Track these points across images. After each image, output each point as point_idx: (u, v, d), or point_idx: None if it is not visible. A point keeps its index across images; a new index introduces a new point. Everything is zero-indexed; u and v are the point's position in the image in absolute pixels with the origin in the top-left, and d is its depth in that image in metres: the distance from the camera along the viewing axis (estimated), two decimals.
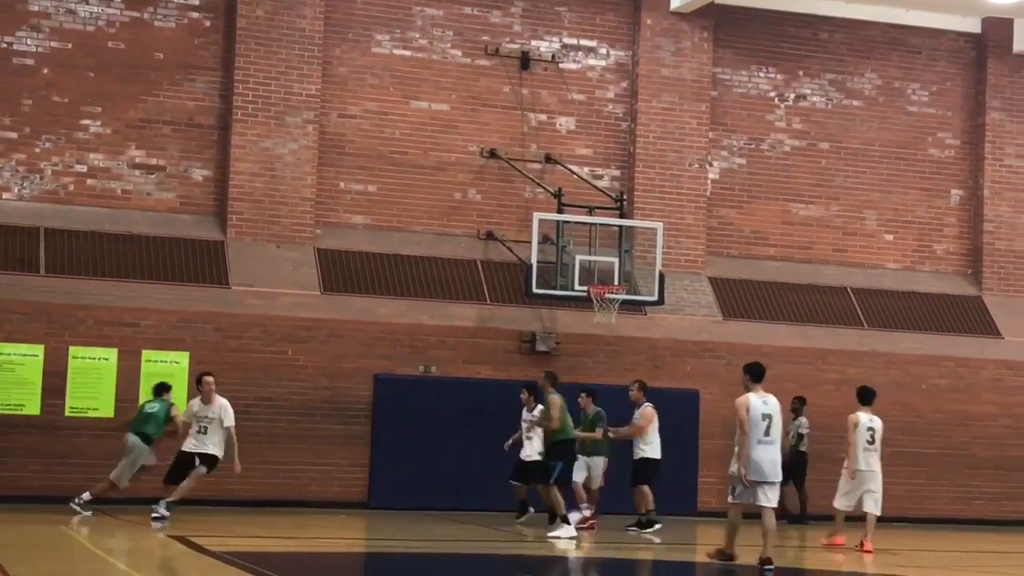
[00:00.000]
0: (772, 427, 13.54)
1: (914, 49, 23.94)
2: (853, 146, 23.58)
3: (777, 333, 22.23)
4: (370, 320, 20.46)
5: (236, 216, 20.62)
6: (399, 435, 20.11)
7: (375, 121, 21.53)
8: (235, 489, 19.51)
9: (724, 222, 22.96)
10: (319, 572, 12.99)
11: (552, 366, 20.23)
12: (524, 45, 22.17)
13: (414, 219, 21.57)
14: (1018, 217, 23.93)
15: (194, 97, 20.89)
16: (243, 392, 19.67)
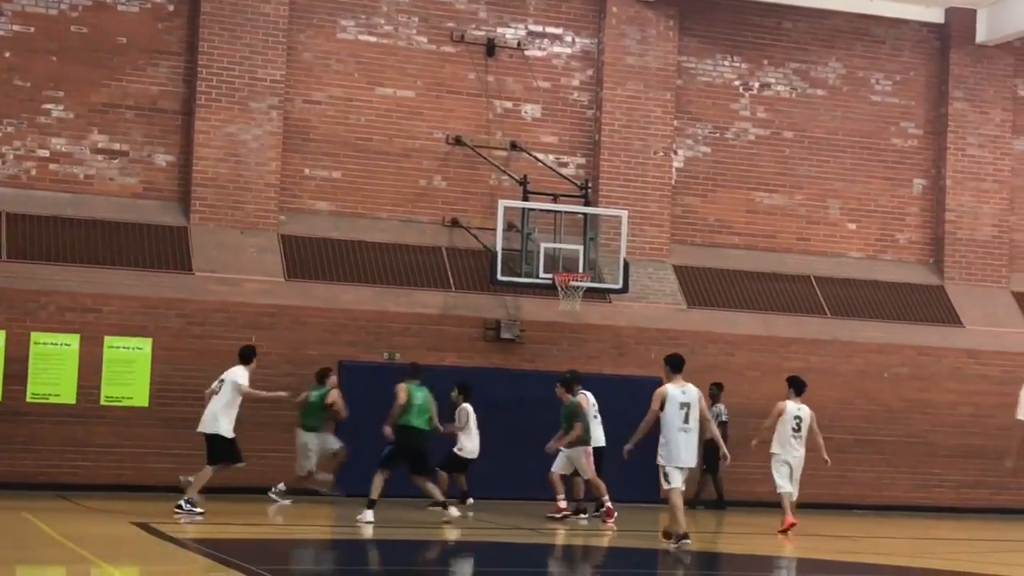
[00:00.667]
0: (690, 415, 14.29)
1: (878, 39, 24.05)
2: (817, 135, 23.68)
3: (740, 321, 22.32)
4: (334, 307, 20.42)
5: (200, 202, 20.53)
6: (363, 422, 20.06)
7: (340, 107, 21.47)
8: None
9: (688, 210, 23.03)
10: (283, 558, 12.97)
11: (516, 354, 20.29)
12: (490, 32, 22.15)
13: (379, 206, 21.53)
14: (980, 207, 24.09)
15: (157, 82, 20.78)
16: (206, 379, 19.54)
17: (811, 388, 19.02)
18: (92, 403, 19.22)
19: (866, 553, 15.32)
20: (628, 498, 19.06)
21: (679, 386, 14.46)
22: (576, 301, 20.27)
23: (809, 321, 22.69)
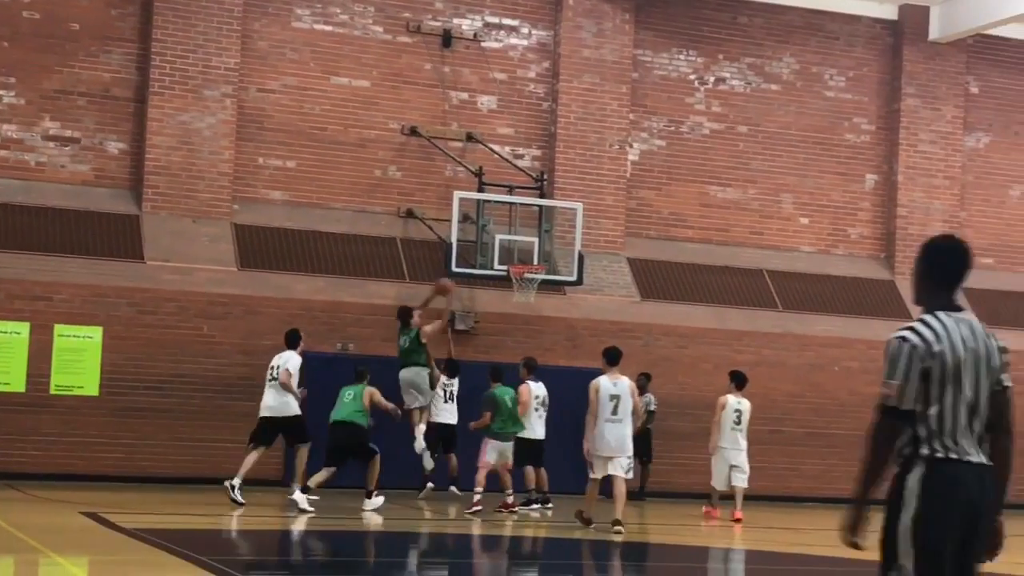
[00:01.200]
0: (619, 407, 15.21)
1: (832, 35, 24.19)
2: (771, 130, 23.80)
3: (694, 314, 22.41)
4: (287, 297, 20.34)
5: (152, 190, 20.39)
6: (316, 413, 19.98)
7: (295, 96, 21.37)
8: (148, 466, 19.36)
9: (643, 203, 23.09)
10: (232, 549, 12.92)
11: (472, 345, 20.28)
12: (446, 23, 22.10)
13: (333, 196, 21.46)
14: (931, 202, 24.29)
15: (110, 69, 20.61)
16: (157, 368, 19.51)
17: (762, 381, 19.20)
18: (42, 392, 19.06)
19: (815, 545, 15.43)
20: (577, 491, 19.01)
21: (612, 378, 15.34)
22: (531, 293, 20.28)
23: (761, 314, 22.81)
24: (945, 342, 5.54)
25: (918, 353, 5.53)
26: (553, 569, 13.39)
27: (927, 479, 5.49)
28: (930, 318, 5.63)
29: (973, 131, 24.80)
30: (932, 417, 5.52)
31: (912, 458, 5.54)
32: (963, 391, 5.54)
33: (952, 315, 5.63)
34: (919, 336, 5.56)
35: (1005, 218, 24.98)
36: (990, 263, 24.78)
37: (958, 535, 5.49)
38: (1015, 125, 25.03)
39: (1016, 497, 23.42)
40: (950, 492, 5.47)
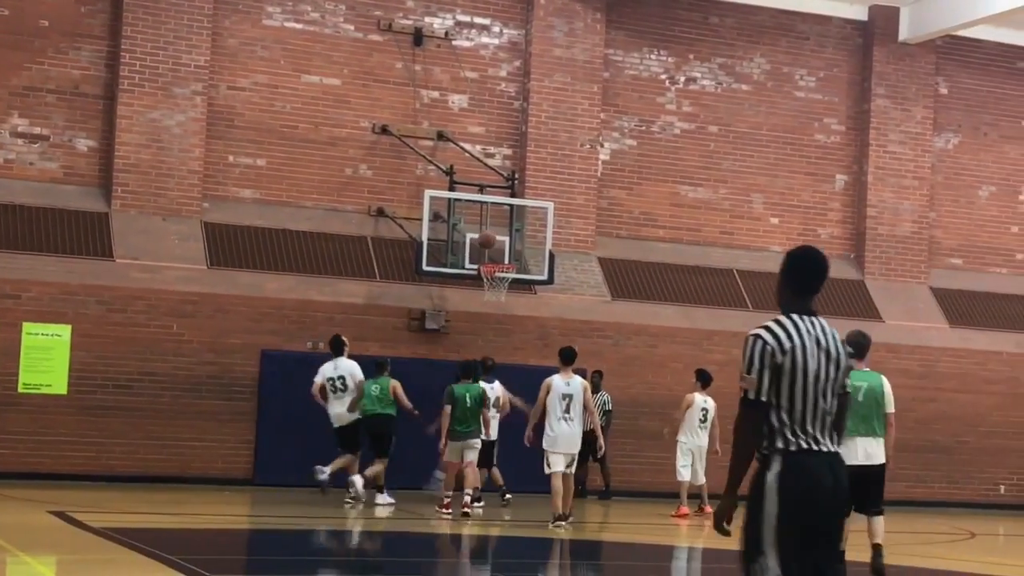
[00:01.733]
0: (572, 406, 15.52)
1: (802, 35, 24.27)
2: (741, 130, 23.86)
3: (664, 313, 22.45)
4: (257, 295, 20.28)
5: (121, 188, 20.30)
6: (285, 411, 19.96)
7: (265, 94, 21.31)
8: (116, 464, 19.29)
9: (614, 203, 23.12)
10: (200, 548, 12.88)
11: (441, 344, 20.27)
12: (417, 21, 22.08)
13: (304, 194, 21.41)
14: (900, 203, 24.40)
15: (79, 66, 20.52)
16: (126, 367, 19.44)
17: (732, 381, 19.16)
18: (10, 390, 18.96)
19: None
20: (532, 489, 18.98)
21: (565, 378, 15.66)
22: (501, 292, 20.28)
23: (731, 314, 22.87)
24: (796, 340, 6.06)
25: (769, 350, 6.01)
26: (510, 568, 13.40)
27: (785, 472, 5.84)
28: (783, 319, 6.17)
29: (942, 132, 24.92)
30: (785, 409, 5.92)
31: (770, 453, 5.90)
32: (814, 385, 5.97)
33: (805, 318, 6.21)
34: (772, 334, 6.09)
35: (974, 219, 25.12)
36: (959, 263, 24.93)
37: (816, 524, 5.84)
38: (984, 126, 25.18)
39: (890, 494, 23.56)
40: (806, 484, 5.83)
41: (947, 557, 14.83)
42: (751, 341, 6.07)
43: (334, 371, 17.95)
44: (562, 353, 15.95)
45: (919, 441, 23.31)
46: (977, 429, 23.79)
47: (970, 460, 23.71)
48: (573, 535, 15.13)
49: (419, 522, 16.63)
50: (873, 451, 11.54)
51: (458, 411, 16.69)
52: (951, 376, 23.70)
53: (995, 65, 25.14)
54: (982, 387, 23.87)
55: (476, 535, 15.63)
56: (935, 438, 23.53)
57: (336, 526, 15.89)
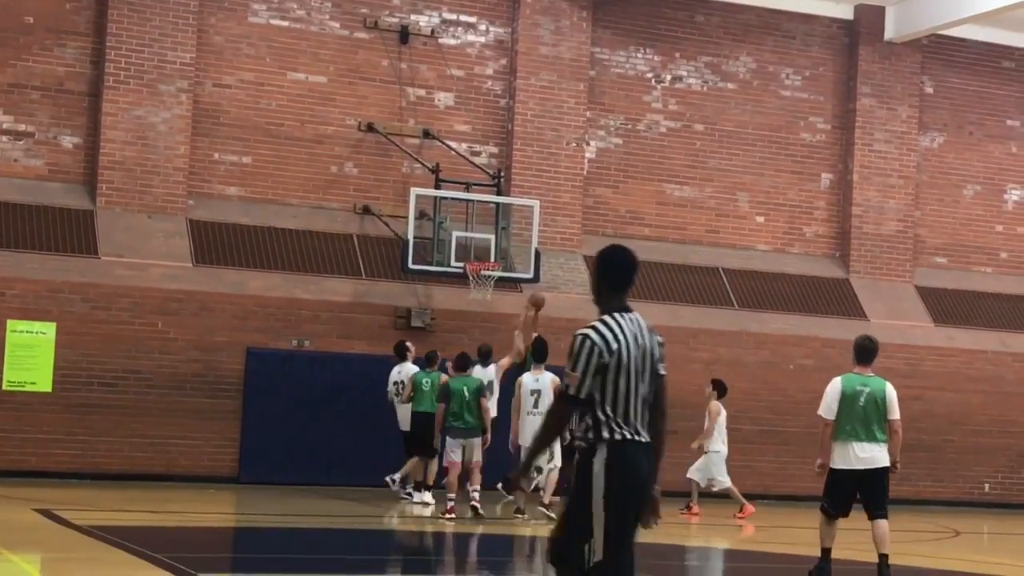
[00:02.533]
0: (540, 401, 16.03)
1: (788, 34, 24.30)
2: (727, 128, 23.88)
3: (649, 312, 22.37)
4: (243, 293, 20.25)
5: (106, 185, 20.25)
6: (271, 410, 19.95)
7: (251, 92, 21.27)
8: (102, 462, 19.24)
9: (600, 201, 23.12)
10: (186, 546, 12.85)
11: (427, 342, 20.24)
12: (403, 19, 22.06)
13: (289, 192, 21.38)
14: (885, 202, 24.45)
15: (65, 63, 20.45)
16: (111, 365, 19.39)
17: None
18: None
19: (770, 543, 15.52)
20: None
21: (535, 375, 16.39)
22: (487, 290, 20.28)
23: (717, 312, 22.90)
24: (621, 340, 6.44)
25: (597, 350, 6.41)
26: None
27: (611, 461, 6.33)
28: (608, 319, 6.53)
29: (928, 131, 24.98)
30: (609, 403, 6.38)
31: (596, 443, 6.37)
32: (634, 381, 6.43)
33: (625, 315, 6.56)
34: (600, 335, 6.45)
35: (959, 217, 25.18)
36: (944, 262, 24.99)
37: (636, 506, 6.38)
38: (969, 125, 25.24)
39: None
40: (629, 470, 6.35)
41: (932, 555, 14.87)
42: (580, 340, 6.45)
43: (398, 375, 18.30)
44: (532, 350, 16.60)
45: (904, 440, 23.15)
46: (962, 428, 23.85)
47: (955, 458, 23.77)
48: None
49: (409, 521, 16.61)
50: (870, 455, 11.51)
51: (454, 406, 16.36)
52: (936, 375, 23.76)
53: (980, 64, 25.21)
54: (967, 386, 23.93)
55: (453, 533, 15.62)
56: (920, 437, 23.57)
57: (322, 524, 15.86)
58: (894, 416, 11.65)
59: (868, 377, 11.72)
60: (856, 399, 11.44)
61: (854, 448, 11.46)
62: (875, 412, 11.54)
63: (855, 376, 11.67)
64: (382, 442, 19.40)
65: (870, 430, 11.49)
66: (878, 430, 11.52)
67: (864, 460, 11.47)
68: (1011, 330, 24.52)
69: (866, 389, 11.57)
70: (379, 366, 19.46)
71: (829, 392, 11.67)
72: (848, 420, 11.44)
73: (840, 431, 11.45)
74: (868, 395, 11.55)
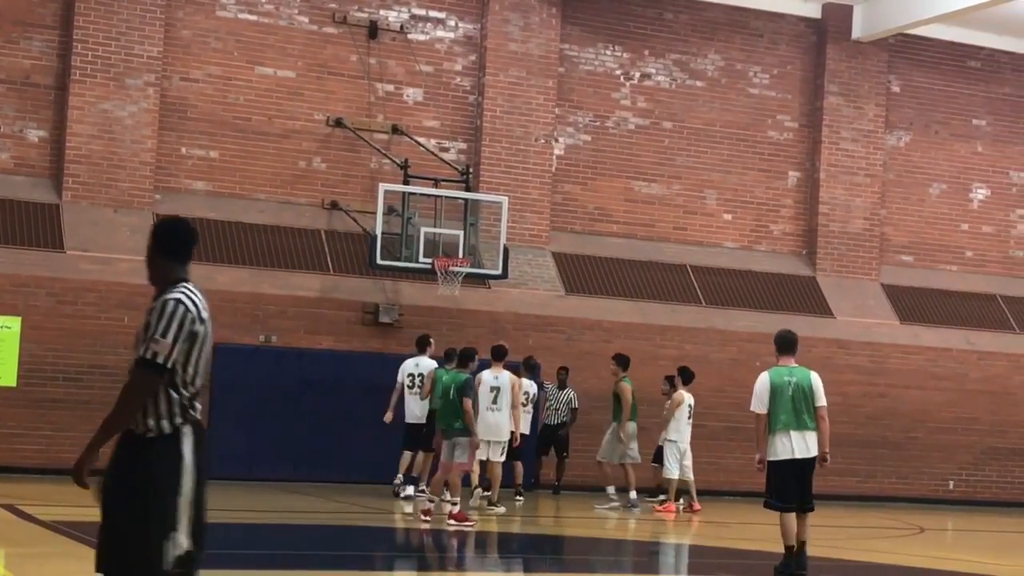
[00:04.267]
0: (499, 397, 16.91)
1: (756, 32, 24.37)
2: (695, 126, 23.94)
3: (617, 309, 22.51)
4: (210, 288, 20.02)
5: (72, 179, 20.13)
6: (237, 405, 19.89)
7: (218, 86, 21.18)
8: (68, 458, 19.10)
9: (568, 198, 23.15)
10: None
11: (395, 338, 20.24)
12: (372, 14, 22.02)
13: (257, 187, 21.31)
14: (852, 200, 24.56)
15: (31, 56, 20.32)
16: (77, 359, 19.28)
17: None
18: None
19: (736, 539, 15.58)
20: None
21: (494, 372, 17.07)
22: (455, 286, 20.28)
23: (684, 309, 22.95)
24: (205, 312, 6.11)
25: (191, 317, 6.02)
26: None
27: (196, 446, 5.99)
28: (189, 288, 6.12)
29: (894, 129, 25.11)
30: (190, 379, 6.01)
31: (181, 425, 5.98)
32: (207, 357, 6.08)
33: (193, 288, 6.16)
34: (192, 302, 6.06)
35: (925, 216, 25.33)
36: (910, 260, 25.13)
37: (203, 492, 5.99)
38: (935, 124, 25.38)
39: (840, 488, 23.75)
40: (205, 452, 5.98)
41: (897, 552, 14.96)
42: (173, 305, 6.02)
43: (415, 368, 18.33)
44: (493, 350, 17.38)
45: (869, 437, 23.51)
46: (926, 425, 24.00)
47: (919, 456, 23.91)
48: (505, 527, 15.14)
49: (379, 517, 16.59)
50: (805, 444, 11.82)
51: (440, 401, 16.07)
52: (901, 372, 23.90)
53: (946, 64, 25.36)
54: (932, 383, 24.07)
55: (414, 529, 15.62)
56: (885, 434, 23.73)
57: (286, 520, 15.83)
58: (821, 403, 11.94)
59: (793, 368, 12.06)
60: (785, 390, 11.78)
61: (791, 438, 11.75)
62: (804, 401, 11.85)
63: (781, 368, 12.03)
64: (349, 438, 19.38)
65: (801, 419, 11.79)
66: (808, 418, 11.83)
67: (800, 449, 11.78)
68: (976, 328, 24.69)
69: (793, 379, 11.90)
70: (346, 362, 19.43)
71: (759, 387, 11.98)
72: (781, 411, 11.75)
73: (775, 423, 11.75)
74: (796, 385, 11.86)
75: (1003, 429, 24.28)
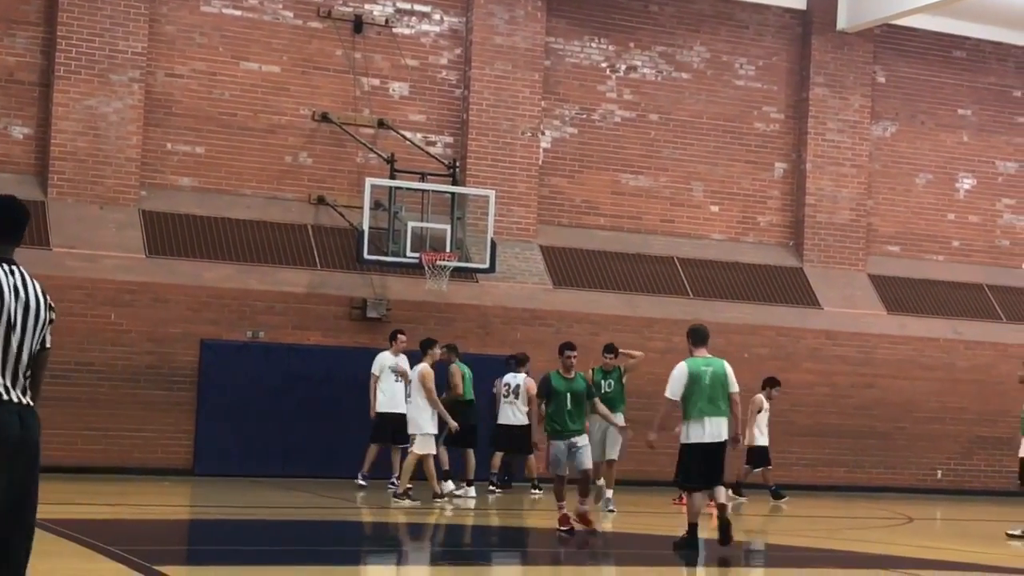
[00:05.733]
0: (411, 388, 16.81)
1: (741, 24, 24.38)
2: (682, 118, 23.95)
3: (605, 301, 22.51)
4: (196, 284, 20.13)
5: (58, 176, 20.07)
6: (225, 401, 19.86)
7: (203, 81, 21.13)
8: (55, 455, 19.07)
9: (555, 191, 23.14)
10: (141, 539, 12.78)
11: (383, 333, 20.20)
12: (357, 8, 21.97)
13: (243, 182, 21.27)
14: (838, 191, 24.59)
15: (14, 52, 20.25)
16: (63, 357, 19.19)
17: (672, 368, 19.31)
18: None
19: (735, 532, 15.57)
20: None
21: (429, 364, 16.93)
22: (443, 280, 20.26)
23: (672, 301, 22.97)
24: (6, 290, 5.91)
25: None
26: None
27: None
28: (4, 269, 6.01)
29: (880, 120, 25.14)
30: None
31: None
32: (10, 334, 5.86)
33: (5, 265, 6.07)
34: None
35: (911, 206, 25.37)
36: (896, 251, 25.18)
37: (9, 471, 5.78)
38: (921, 114, 25.42)
39: (829, 479, 23.78)
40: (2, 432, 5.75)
41: (885, 542, 14.99)
42: None
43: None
44: (420, 343, 17.24)
45: (857, 427, 23.57)
46: (914, 415, 24.05)
47: (907, 446, 23.97)
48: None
49: (365, 512, 16.58)
50: (719, 429, 12.63)
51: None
52: (888, 362, 23.94)
53: (931, 54, 25.40)
54: (919, 373, 24.12)
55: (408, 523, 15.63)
56: (873, 424, 23.78)
57: (278, 516, 15.81)
58: (734, 389, 12.84)
59: (708, 358, 12.92)
60: (702, 378, 12.64)
61: (706, 423, 12.54)
62: (720, 388, 12.68)
63: (697, 359, 12.87)
64: (337, 433, 19.37)
65: (716, 405, 12.62)
66: (723, 404, 12.68)
67: (714, 434, 12.55)
68: (963, 318, 24.75)
69: (709, 369, 12.75)
70: (334, 357, 19.42)
71: (676, 375, 12.75)
72: (699, 398, 12.56)
73: (692, 409, 12.59)
74: (712, 374, 12.71)
75: (991, 418, 24.34)
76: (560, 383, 13.80)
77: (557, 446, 13.63)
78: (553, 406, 13.70)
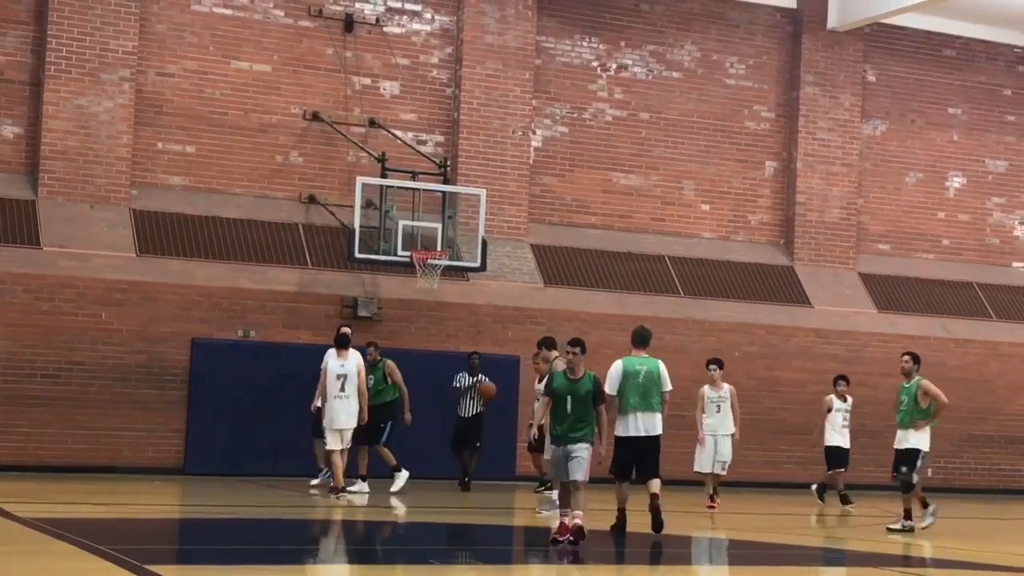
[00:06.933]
0: (346, 385, 16.75)
1: (732, 23, 24.42)
2: (672, 117, 23.98)
3: (596, 300, 22.54)
4: (187, 283, 20.13)
5: (48, 175, 20.05)
6: (216, 400, 19.86)
7: (194, 80, 21.12)
8: (45, 455, 19.08)
9: (546, 190, 23.16)
10: (131, 538, 12.78)
11: (374, 332, 20.22)
12: (348, 7, 21.98)
13: (234, 181, 21.26)
14: (829, 189, 24.64)
15: (5, 51, 20.23)
16: (54, 356, 19.22)
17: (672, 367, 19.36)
18: None
19: (716, 529, 15.62)
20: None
21: (340, 359, 16.84)
22: (434, 279, 20.27)
23: (663, 300, 23.00)
24: None
25: None
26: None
27: None
28: None
29: (870, 119, 25.19)
30: None
31: None
32: None
33: None
34: None
35: (901, 205, 25.43)
36: (887, 249, 25.23)
37: None
38: (911, 113, 25.48)
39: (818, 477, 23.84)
40: None
41: (875, 539, 15.03)
42: None
43: None
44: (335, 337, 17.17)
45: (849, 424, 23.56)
46: None
47: None
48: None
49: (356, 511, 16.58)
50: (651, 424, 13.36)
51: None
52: (879, 361, 23.98)
53: (921, 53, 25.45)
54: (927, 372, 24.10)
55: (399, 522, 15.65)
56: (863, 422, 23.77)
57: (268, 515, 15.81)
58: (667, 388, 13.60)
59: (644, 358, 13.65)
60: (636, 376, 13.38)
61: (637, 418, 13.27)
62: (653, 386, 13.43)
63: (634, 358, 13.63)
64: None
65: (649, 401, 13.35)
66: (656, 401, 13.42)
67: (645, 428, 13.28)
68: (953, 316, 24.80)
69: (644, 368, 13.48)
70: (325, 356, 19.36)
71: (612, 373, 13.45)
72: (632, 394, 13.27)
73: (625, 404, 13.25)
74: (646, 372, 13.44)
75: (981, 416, 24.39)
76: (562, 383, 12.49)
77: (554, 451, 12.54)
78: (553, 407, 12.49)
